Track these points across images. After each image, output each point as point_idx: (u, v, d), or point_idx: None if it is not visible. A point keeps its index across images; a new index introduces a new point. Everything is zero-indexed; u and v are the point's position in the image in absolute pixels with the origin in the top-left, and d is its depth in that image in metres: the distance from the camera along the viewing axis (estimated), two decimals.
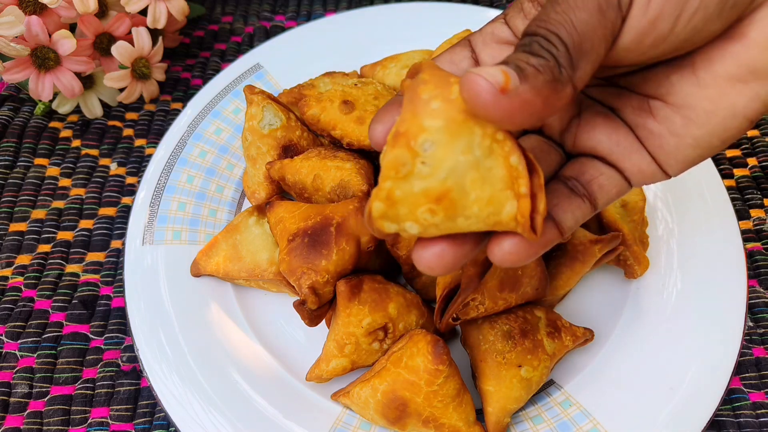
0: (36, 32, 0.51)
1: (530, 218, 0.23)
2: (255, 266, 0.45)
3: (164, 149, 0.53)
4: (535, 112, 0.21)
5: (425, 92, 0.22)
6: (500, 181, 0.23)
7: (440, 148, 0.22)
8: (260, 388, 0.43)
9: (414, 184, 0.22)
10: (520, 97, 0.21)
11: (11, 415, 0.43)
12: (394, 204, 0.22)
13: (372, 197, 0.23)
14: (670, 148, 0.27)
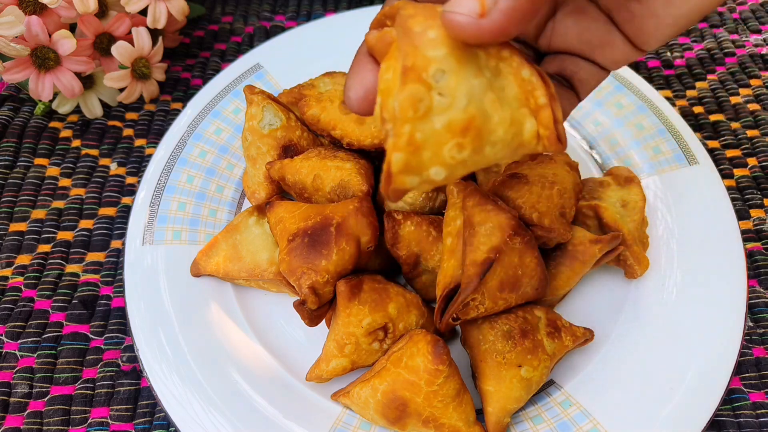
0: (36, 32, 0.51)
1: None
2: (255, 266, 0.45)
3: (164, 149, 0.53)
4: (526, 12, 0.21)
5: (417, 24, 0.21)
6: (515, 100, 0.22)
7: (452, 76, 0.20)
8: (260, 388, 0.43)
9: (435, 121, 0.20)
10: (501, 12, 0.20)
11: (11, 415, 0.43)
12: (417, 150, 0.21)
13: (389, 150, 0.21)
14: (649, 28, 0.28)
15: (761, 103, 0.62)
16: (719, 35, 0.68)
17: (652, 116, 0.55)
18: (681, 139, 0.53)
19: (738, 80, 0.64)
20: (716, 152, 0.58)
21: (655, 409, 0.40)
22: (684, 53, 0.67)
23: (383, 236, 0.44)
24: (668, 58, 0.66)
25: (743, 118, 0.60)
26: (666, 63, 0.66)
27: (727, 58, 0.66)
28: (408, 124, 0.20)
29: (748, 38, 0.68)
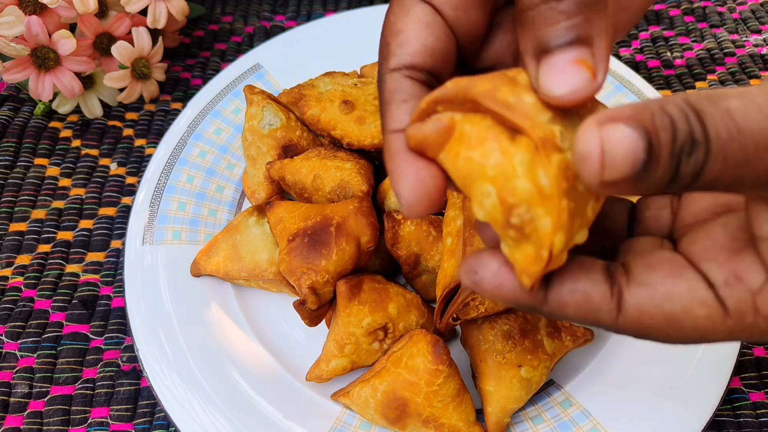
0: (36, 32, 0.51)
1: None
2: (255, 266, 0.45)
3: (164, 149, 0.53)
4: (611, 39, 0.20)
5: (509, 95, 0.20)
6: None
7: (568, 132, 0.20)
8: (260, 388, 0.43)
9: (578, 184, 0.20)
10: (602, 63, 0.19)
11: (11, 415, 0.43)
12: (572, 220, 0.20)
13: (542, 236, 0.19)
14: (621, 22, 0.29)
15: None
16: (719, 35, 0.68)
17: None
18: None
19: (738, 80, 0.64)
20: None
21: (655, 409, 0.40)
22: (684, 53, 0.67)
23: (383, 236, 0.44)
24: (668, 58, 0.66)
25: None
26: (666, 63, 0.66)
27: (727, 58, 0.66)
28: (564, 197, 0.19)
29: (748, 38, 0.68)
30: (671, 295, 0.21)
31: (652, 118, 0.17)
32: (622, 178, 0.18)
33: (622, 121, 0.17)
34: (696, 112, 0.18)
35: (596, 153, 0.17)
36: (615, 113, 0.18)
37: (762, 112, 0.17)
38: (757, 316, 0.20)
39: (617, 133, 0.17)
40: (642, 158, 0.17)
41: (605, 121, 0.18)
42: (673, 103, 0.18)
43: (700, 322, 0.21)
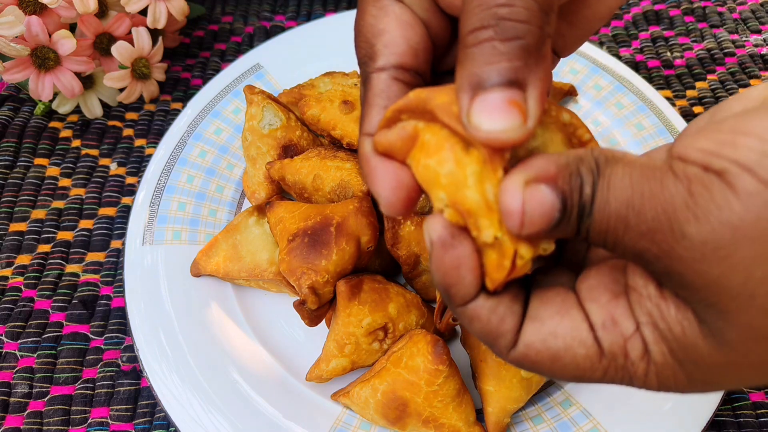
0: (36, 32, 0.51)
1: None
2: (255, 266, 0.45)
3: (164, 149, 0.53)
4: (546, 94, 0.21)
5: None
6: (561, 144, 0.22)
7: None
8: (260, 388, 0.43)
9: None
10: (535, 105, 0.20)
11: (11, 415, 0.43)
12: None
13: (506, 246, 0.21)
14: (558, 47, 0.30)
15: None
16: (719, 35, 0.68)
17: (652, 116, 0.55)
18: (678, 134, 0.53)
19: (738, 80, 0.64)
20: None
21: (655, 409, 0.40)
22: (684, 53, 0.67)
23: (383, 236, 0.44)
24: (668, 58, 0.66)
25: None
26: (666, 63, 0.66)
27: (727, 58, 0.66)
28: None
29: (748, 38, 0.68)
30: (556, 333, 0.22)
31: (569, 179, 0.19)
32: (538, 232, 0.20)
33: (545, 181, 0.19)
34: (598, 173, 0.19)
35: (518, 212, 0.19)
36: (542, 171, 0.19)
37: (630, 185, 0.19)
38: (626, 359, 0.21)
39: (538, 194, 0.19)
40: (557, 217, 0.19)
41: (531, 180, 0.19)
42: (587, 164, 0.20)
43: (579, 360, 0.22)
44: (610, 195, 0.19)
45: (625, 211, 0.19)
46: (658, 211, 0.18)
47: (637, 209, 0.19)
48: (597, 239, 0.20)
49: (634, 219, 0.19)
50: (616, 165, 0.19)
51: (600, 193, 0.19)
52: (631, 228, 0.19)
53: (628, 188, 0.19)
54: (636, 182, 0.19)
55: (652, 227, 0.19)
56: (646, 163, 0.19)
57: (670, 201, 0.18)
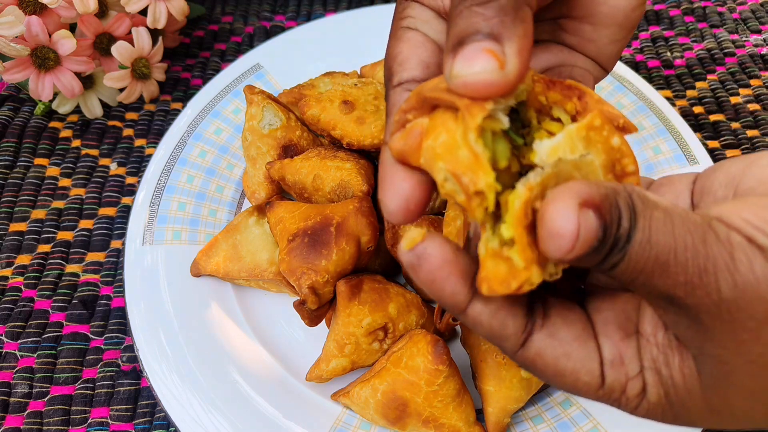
0: (36, 32, 0.51)
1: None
2: (255, 266, 0.45)
3: (164, 149, 0.53)
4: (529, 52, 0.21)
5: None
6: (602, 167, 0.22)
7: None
8: (260, 388, 0.43)
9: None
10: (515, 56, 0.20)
11: (11, 415, 0.43)
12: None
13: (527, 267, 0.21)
14: (592, 52, 0.31)
15: (761, 103, 0.62)
16: (719, 35, 0.68)
17: (652, 116, 0.55)
18: (681, 139, 0.53)
19: (738, 80, 0.64)
20: (716, 152, 0.58)
21: None
22: (684, 53, 0.67)
23: (383, 236, 0.44)
24: (668, 58, 0.66)
25: (743, 118, 0.60)
26: (666, 63, 0.66)
27: (727, 58, 0.66)
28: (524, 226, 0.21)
29: (748, 38, 0.68)
30: (570, 356, 0.23)
31: (610, 210, 0.20)
32: (578, 257, 0.20)
33: (593, 207, 0.19)
34: (635, 214, 0.20)
35: (572, 235, 0.19)
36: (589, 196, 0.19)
37: (673, 233, 0.19)
38: (622, 395, 0.23)
39: (590, 221, 0.19)
40: (596, 245, 0.20)
41: (583, 204, 0.19)
42: (624, 197, 0.20)
43: (580, 384, 0.24)
44: (652, 237, 0.20)
45: (665, 258, 0.19)
46: (701, 267, 0.19)
47: (679, 259, 0.19)
48: (623, 276, 0.20)
49: (674, 267, 0.20)
50: (656, 209, 0.20)
51: (641, 233, 0.20)
52: (670, 275, 0.20)
53: (671, 236, 0.20)
54: (679, 232, 0.20)
55: (691, 280, 0.19)
56: (685, 216, 0.20)
57: (712, 260, 0.19)
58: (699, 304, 0.20)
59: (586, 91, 0.22)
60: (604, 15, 0.30)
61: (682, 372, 0.22)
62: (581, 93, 0.22)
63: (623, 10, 0.30)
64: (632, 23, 0.30)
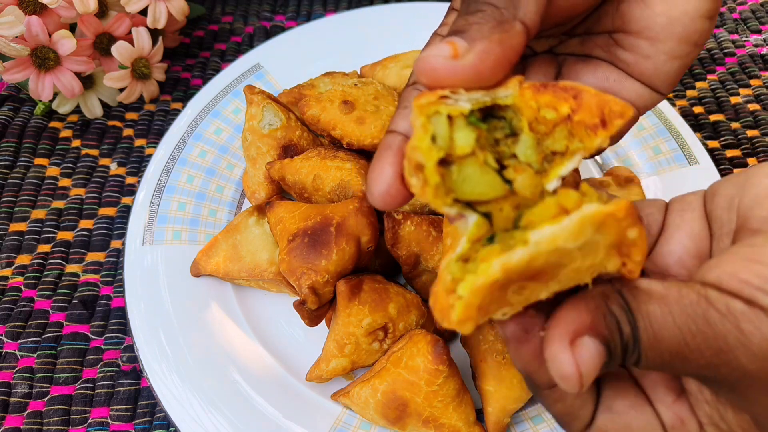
0: (36, 32, 0.51)
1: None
2: (255, 266, 0.45)
3: (164, 149, 0.53)
4: (498, 58, 0.22)
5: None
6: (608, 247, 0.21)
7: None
8: (260, 388, 0.43)
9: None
10: (475, 54, 0.21)
11: (11, 415, 0.43)
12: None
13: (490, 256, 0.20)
14: (649, 70, 0.29)
15: (761, 103, 0.62)
16: (719, 35, 0.68)
17: (652, 116, 0.55)
18: (681, 139, 0.53)
19: (738, 80, 0.64)
20: (716, 152, 0.58)
21: None
22: None
23: (383, 236, 0.44)
24: None
25: (743, 118, 0.60)
26: None
27: (727, 58, 0.66)
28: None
29: (748, 38, 0.68)
30: (631, 427, 0.24)
31: (605, 321, 0.20)
32: (592, 381, 0.21)
33: (586, 333, 0.20)
34: (631, 313, 0.21)
35: (575, 376, 0.20)
36: (578, 324, 0.20)
37: (676, 325, 0.20)
38: None
39: (586, 350, 0.20)
40: (605, 361, 0.21)
41: (573, 337, 0.20)
42: (616, 302, 0.21)
43: None
44: (657, 334, 0.20)
45: (678, 349, 0.20)
46: (715, 348, 0.20)
47: (692, 348, 0.20)
48: (649, 368, 0.21)
49: (691, 355, 0.20)
50: (649, 302, 0.21)
51: (645, 334, 0.20)
52: (691, 362, 0.20)
53: (675, 328, 0.20)
54: (681, 321, 0.20)
55: (711, 362, 0.20)
56: (680, 299, 0.20)
57: (723, 338, 0.20)
58: (727, 378, 0.20)
59: (582, 89, 0.22)
60: (660, 27, 0.28)
61: (740, 425, 0.22)
62: (577, 92, 0.21)
63: (682, 22, 0.27)
64: (695, 37, 0.28)
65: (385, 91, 0.51)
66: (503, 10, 0.23)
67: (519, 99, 0.22)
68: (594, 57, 0.30)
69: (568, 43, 0.31)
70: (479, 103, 0.22)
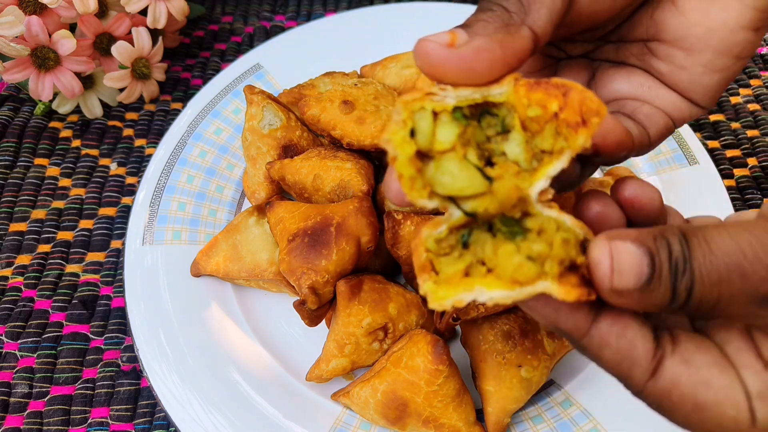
0: (36, 32, 0.51)
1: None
2: (255, 266, 0.45)
3: (164, 149, 0.53)
4: (495, 58, 0.22)
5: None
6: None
7: None
8: (260, 388, 0.43)
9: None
10: (471, 48, 0.21)
11: (11, 415, 0.43)
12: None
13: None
14: (684, 81, 0.27)
15: (761, 103, 0.62)
16: None
17: None
18: (681, 139, 0.53)
19: (738, 80, 0.64)
20: (716, 152, 0.58)
21: None
22: None
23: (383, 236, 0.44)
24: None
25: (743, 118, 0.60)
26: None
27: None
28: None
29: None
30: (710, 384, 0.21)
31: (653, 240, 0.20)
32: (630, 290, 0.20)
33: (629, 239, 0.20)
34: (685, 237, 0.20)
35: (607, 261, 0.20)
36: (622, 232, 0.20)
37: (733, 239, 0.19)
38: None
39: (624, 248, 0.20)
40: (647, 273, 0.20)
41: (614, 237, 0.20)
42: (671, 230, 0.20)
43: (726, 420, 0.21)
44: (712, 247, 0.19)
45: (736, 260, 0.19)
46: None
47: (749, 256, 0.19)
48: (708, 298, 0.20)
49: (750, 266, 0.19)
50: (706, 229, 0.20)
51: (698, 249, 0.20)
52: (749, 275, 0.19)
53: (730, 241, 0.19)
54: (736, 235, 0.19)
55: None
56: (736, 222, 0.20)
57: None
58: None
59: (571, 87, 0.22)
60: (696, 38, 0.26)
61: None
62: (567, 89, 0.22)
63: (720, 33, 0.26)
64: (736, 49, 0.26)
65: (385, 91, 0.51)
66: (513, 13, 0.23)
67: (513, 96, 0.22)
68: (629, 64, 0.29)
69: (603, 48, 0.30)
70: (468, 101, 0.22)
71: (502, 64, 0.22)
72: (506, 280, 0.21)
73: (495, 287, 0.21)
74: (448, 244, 0.22)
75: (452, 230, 0.22)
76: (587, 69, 0.31)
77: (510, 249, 0.21)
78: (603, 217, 0.24)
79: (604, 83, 0.30)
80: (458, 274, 0.21)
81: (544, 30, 0.23)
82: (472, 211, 0.22)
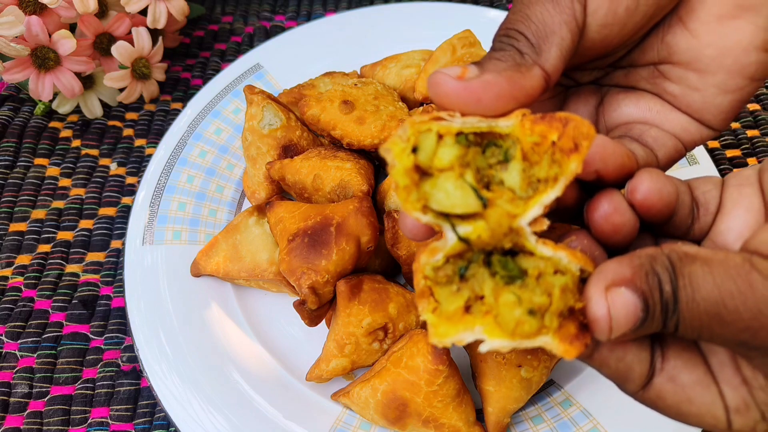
0: (36, 32, 0.51)
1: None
2: (255, 266, 0.45)
3: (164, 149, 0.53)
4: (503, 93, 0.23)
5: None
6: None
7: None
8: (260, 388, 0.43)
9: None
10: (480, 81, 0.22)
11: (11, 415, 0.43)
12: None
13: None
14: (697, 103, 0.27)
15: (761, 103, 0.62)
16: None
17: None
18: None
19: None
20: (716, 152, 0.58)
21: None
22: None
23: (383, 236, 0.44)
24: None
25: (743, 118, 0.60)
26: None
27: None
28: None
29: None
30: (692, 401, 0.23)
31: (647, 279, 0.20)
32: (625, 334, 0.21)
33: (624, 284, 0.21)
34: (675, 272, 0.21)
35: (605, 319, 0.21)
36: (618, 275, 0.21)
37: (715, 285, 0.20)
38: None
39: (621, 298, 0.21)
40: (641, 317, 0.21)
41: (610, 285, 0.21)
42: (661, 262, 0.21)
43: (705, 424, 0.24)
44: (696, 295, 0.20)
45: (716, 310, 0.20)
46: (755, 311, 0.20)
47: (730, 309, 0.20)
48: (689, 334, 0.21)
49: (729, 317, 0.20)
50: (693, 264, 0.21)
51: (684, 293, 0.20)
52: (728, 324, 0.20)
53: (714, 289, 0.20)
54: (721, 282, 0.20)
55: (751, 325, 0.20)
56: (723, 261, 0.20)
57: (764, 301, 0.20)
58: (765, 343, 0.20)
59: (571, 118, 0.23)
60: (709, 59, 0.26)
61: None
62: (567, 120, 0.23)
63: (733, 53, 0.26)
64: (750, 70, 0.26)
65: (385, 91, 0.51)
66: (525, 55, 0.24)
67: (518, 129, 0.23)
68: (639, 89, 0.30)
69: (612, 74, 0.30)
70: (473, 128, 0.23)
71: (509, 98, 0.23)
72: (507, 331, 0.22)
73: (496, 336, 0.22)
74: (445, 274, 0.23)
75: (449, 259, 0.23)
76: (596, 95, 0.31)
77: (511, 300, 0.22)
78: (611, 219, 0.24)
79: (613, 108, 0.30)
80: (459, 311, 0.22)
81: (556, 68, 0.24)
82: (466, 237, 0.22)
